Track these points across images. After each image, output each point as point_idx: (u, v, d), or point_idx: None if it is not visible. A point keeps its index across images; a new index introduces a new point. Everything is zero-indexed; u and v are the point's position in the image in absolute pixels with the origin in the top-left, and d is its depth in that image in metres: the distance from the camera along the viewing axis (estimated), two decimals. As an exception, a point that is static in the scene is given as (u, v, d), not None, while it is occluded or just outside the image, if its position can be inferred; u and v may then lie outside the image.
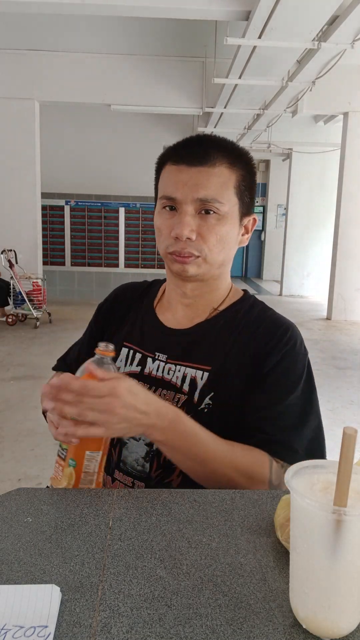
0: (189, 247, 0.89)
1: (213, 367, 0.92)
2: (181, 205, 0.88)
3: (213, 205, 0.87)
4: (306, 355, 0.96)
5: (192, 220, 0.88)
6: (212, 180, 0.88)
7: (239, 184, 0.91)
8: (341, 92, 6.96)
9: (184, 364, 0.94)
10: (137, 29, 6.15)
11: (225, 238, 0.90)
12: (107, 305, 1.12)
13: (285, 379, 0.91)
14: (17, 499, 0.77)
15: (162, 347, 0.98)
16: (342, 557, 0.49)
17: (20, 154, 7.31)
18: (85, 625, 0.53)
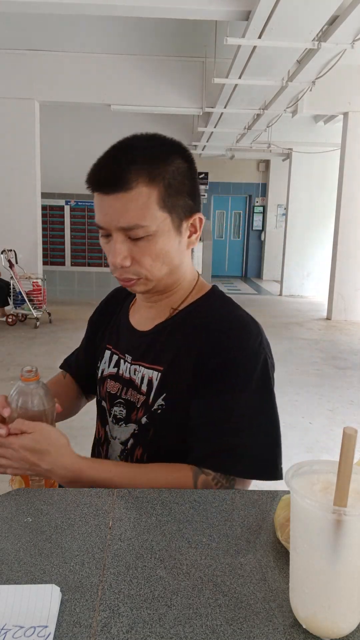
0: (126, 273, 0.89)
1: (164, 368, 0.92)
2: (111, 233, 0.87)
3: (136, 231, 0.85)
4: (260, 357, 0.88)
5: (124, 247, 0.86)
6: (130, 205, 0.83)
7: (162, 197, 0.85)
8: (341, 92, 6.96)
9: (143, 365, 0.96)
10: (137, 29, 6.15)
11: (161, 253, 0.88)
12: (101, 307, 1.16)
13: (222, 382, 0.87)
14: (17, 499, 0.77)
15: (129, 348, 1.00)
16: (342, 557, 0.49)
17: (20, 154, 7.30)
18: (85, 625, 0.53)
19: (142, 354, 0.97)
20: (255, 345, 0.89)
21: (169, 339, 0.94)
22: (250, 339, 0.89)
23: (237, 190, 13.39)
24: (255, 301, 9.62)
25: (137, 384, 0.96)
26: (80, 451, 0.90)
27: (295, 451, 3.15)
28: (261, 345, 0.89)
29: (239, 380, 0.87)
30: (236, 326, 0.90)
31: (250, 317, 0.94)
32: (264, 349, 0.90)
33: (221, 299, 0.97)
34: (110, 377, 1.02)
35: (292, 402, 4.06)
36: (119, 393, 0.99)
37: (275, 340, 6.21)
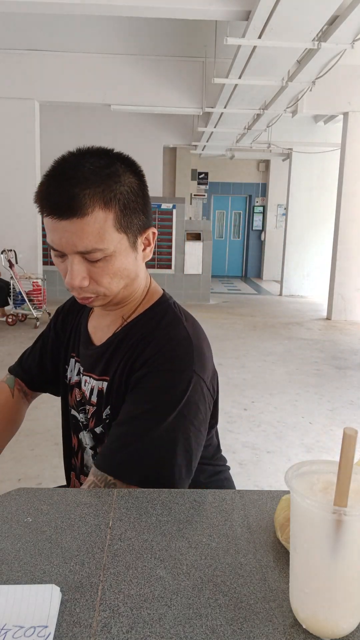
0: (84, 292, 0.88)
1: (110, 378, 0.95)
2: (67, 255, 0.86)
3: (94, 254, 0.84)
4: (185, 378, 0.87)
5: (81, 268, 0.85)
6: (87, 230, 0.82)
7: (118, 219, 0.85)
8: (341, 92, 6.96)
9: (92, 376, 0.98)
10: (137, 29, 6.16)
11: (119, 271, 0.88)
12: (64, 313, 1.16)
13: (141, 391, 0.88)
14: (17, 499, 0.77)
15: (84, 359, 1.02)
16: (342, 557, 0.49)
17: (20, 154, 7.31)
18: (85, 625, 0.53)
19: (92, 365, 0.99)
20: (181, 365, 0.88)
21: (115, 351, 0.95)
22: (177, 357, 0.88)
23: (237, 190, 13.39)
24: (255, 301, 9.62)
25: (86, 394, 0.99)
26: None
27: (295, 451, 3.15)
28: (189, 365, 0.88)
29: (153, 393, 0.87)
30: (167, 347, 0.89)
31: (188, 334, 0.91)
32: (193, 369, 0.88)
33: (164, 312, 0.96)
34: (76, 385, 1.04)
35: (292, 402, 4.06)
36: (83, 400, 1.02)
37: (275, 340, 6.21)
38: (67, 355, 1.09)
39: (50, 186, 0.84)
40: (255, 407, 3.91)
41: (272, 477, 2.81)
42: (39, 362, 1.16)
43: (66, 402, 1.09)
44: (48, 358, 1.14)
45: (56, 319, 1.16)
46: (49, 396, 1.23)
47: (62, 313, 1.15)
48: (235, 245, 13.95)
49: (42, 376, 1.16)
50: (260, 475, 2.83)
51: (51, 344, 1.14)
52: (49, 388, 1.18)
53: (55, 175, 0.84)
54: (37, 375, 1.16)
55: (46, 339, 1.16)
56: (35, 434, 3.23)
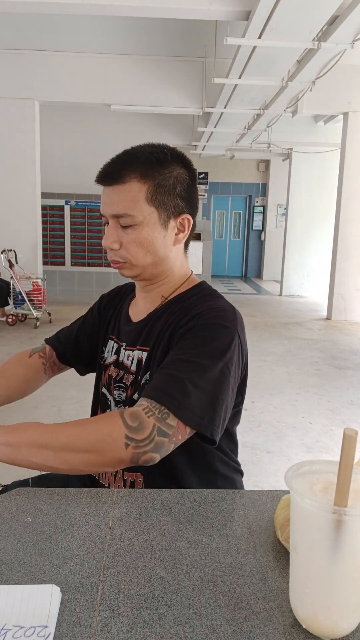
0: (114, 256, 1.01)
1: (150, 348, 1.03)
2: (107, 220, 1.01)
3: (125, 219, 0.97)
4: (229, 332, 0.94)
5: (115, 232, 0.99)
6: (122, 196, 0.97)
7: (151, 193, 0.97)
8: (341, 92, 6.96)
9: (134, 349, 1.06)
10: (137, 29, 6.15)
11: (145, 242, 0.99)
12: (107, 299, 1.26)
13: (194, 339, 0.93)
14: (17, 499, 0.77)
15: (125, 336, 1.11)
16: (342, 557, 0.49)
17: (20, 154, 7.30)
18: (85, 625, 0.53)
19: (134, 339, 1.07)
20: (227, 322, 0.95)
21: (156, 323, 1.04)
22: (224, 316, 0.96)
23: (237, 190, 13.39)
24: (255, 301, 9.62)
25: (128, 366, 1.07)
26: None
27: (295, 451, 3.15)
28: (234, 323, 0.96)
29: (202, 342, 0.92)
30: (213, 306, 0.98)
31: (231, 305, 1.01)
32: (237, 328, 0.96)
33: (206, 290, 1.06)
34: (113, 364, 1.11)
35: (292, 402, 4.06)
36: (118, 378, 1.08)
37: (275, 340, 6.21)
38: (107, 337, 1.17)
39: (107, 163, 1.01)
40: (255, 407, 3.91)
41: (272, 477, 2.81)
42: (76, 337, 1.24)
43: (98, 382, 1.18)
44: (85, 336, 1.23)
45: (100, 303, 1.25)
46: (49, 397, 1.25)
47: (106, 298, 1.25)
48: (235, 245, 13.95)
49: (75, 350, 1.24)
50: (260, 475, 2.83)
51: (91, 325, 1.23)
52: (77, 364, 1.26)
53: (117, 155, 1.01)
54: (71, 349, 1.24)
55: (87, 319, 1.26)
56: (35, 434, 3.23)
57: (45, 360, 1.24)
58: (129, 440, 0.79)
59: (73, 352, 1.25)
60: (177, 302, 1.04)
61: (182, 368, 0.88)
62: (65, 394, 3.76)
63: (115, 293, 1.26)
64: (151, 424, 0.81)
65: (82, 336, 1.24)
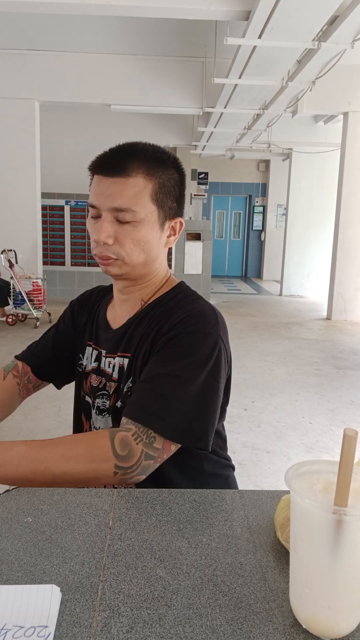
0: (106, 252, 0.96)
1: (131, 354, 1.00)
2: (101, 213, 0.95)
3: (127, 214, 0.94)
4: (212, 338, 0.93)
5: (110, 227, 0.94)
6: (126, 190, 0.93)
7: (156, 191, 0.96)
8: (341, 92, 6.96)
9: (115, 356, 1.03)
10: (137, 29, 6.15)
11: (142, 241, 0.96)
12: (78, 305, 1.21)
13: (174, 350, 0.92)
14: (17, 499, 0.77)
15: (105, 343, 1.08)
16: (342, 557, 0.49)
17: (20, 154, 7.30)
18: (85, 625, 0.53)
19: (114, 346, 1.04)
20: (207, 327, 0.94)
21: (136, 329, 1.02)
22: (205, 322, 0.95)
23: (237, 190, 13.39)
24: (255, 301, 9.62)
25: (110, 373, 1.04)
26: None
27: (295, 451, 3.15)
28: (215, 328, 0.95)
29: (183, 352, 0.91)
30: (192, 311, 0.96)
31: (212, 306, 1.00)
32: (218, 333, 0.95)
33: (185, 292, 1.04)
34: (93, 372, 1.08)
35: (292, 402, 4.06)
36: (100, 385, 1.06)
37: (275, 340, 6.21)
38: (83, 344, 1.13)
39: (106, 153, 0.97)
40: (255, 407, 3.91)
41: (272, 477, 2.81)
42: (52, 347, 1.18)
43: (79, 389, 1.14)
44: (62, 343, 1.18)
45: (71, 309, 1.21)
46: (49, 397, 1.24)
47: (77, 304, 1.21)
48: (235, 245, 13.95)
49: (53, 362, 1.18)
50: (260, 475, 2.83)
51: (65, 332, 1.19)
52: (56, 377, 1.20)
53: (113, 147, 0.98)
54: (48, 360, 1.18)
55: (59, 327, 1.21)
56: (35, 434, 3.24)
57: (20, 380, 1.15)
58: (118, 469, 0.83)
59: (51, 363, 1.18)
60: (156, 305, 1.02)
61: (166, 384, 0.88)
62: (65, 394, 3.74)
63: (87, 297, 1.21)
64: (139, 450, 0.84)
65: (58, 346, 1.18)
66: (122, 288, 1.05)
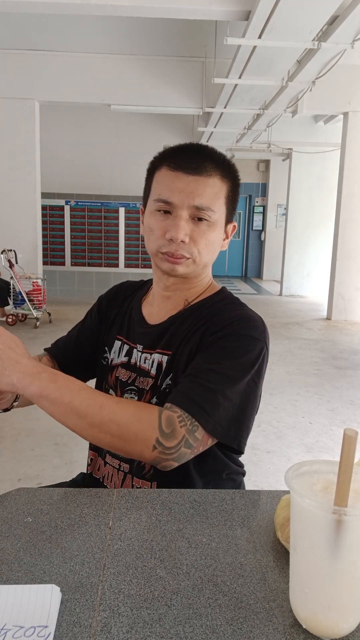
0: (181, 250, 0.96)
1: (173, 352, 1.00)
2: (177, 210, 0.95)
3: (206, 213, 0.95)
4: (259, 344, 0.94)
5: (187, 225, 0.95)
6: (207, 190, 0.94)
7: (228, 194, 0.99)
8: (341, 92, 6.96)
9: (154, 352, 1.03)
10: (137, 28, 6.15)
11: (212, 243, 0.98)
12: (107, 300, 1.21)
13: (224, 349, 0.93)
14: (17, 499, 0.77)
15: (141, 338, 1.06)
16: (342, 557, 0.49)
17: (20, 154, 7.30)
18: (85, 625, 0.53)
19: (153, 342, 1.03)
20: (257, 332, 0.95)
21: (179, 327, 1.01)
22: (255, 327, 0.96)
23: (237, 190, 13.37)
24: (255, 301, 9.62)
25: (147, 369, 1.03)
26: (80, 451, 0.89)
27: (295, 451, 3.15)
28: (263, 335, 0.96)
29: (233, 354, 0.92)
30: (244, 315, 0.98)
31: (257, 314, 1.00)
32: (265, 340, 0.96)
33: (230, 297, 1.05)
34: (122, 366, 1.08)
35: (292, 402, 4.06)
36: (130, 380, 1.05)
37: (275, 340, 6.20)
38: (111, 338, 1.12)
39: (182, 148, 0.98)
40: (255, 407, 3.91)
41: (272, 477, 2.81)
42: (76, 342, 1.19)
43: (101, 383, 1.13)
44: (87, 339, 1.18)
45: (99, 304, 1.20)
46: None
47: (106, 299, 1.20)
48: (235, 245, 13.94)
49: (77, 357, 1.18)
50: (260, 475, 2.83)
51: (91, 328, 1.18)
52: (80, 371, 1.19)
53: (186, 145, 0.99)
54: (73, 355, 1.18)
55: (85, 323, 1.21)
56: (35, 434, 3.23)
57: None
58: (158, 445, 0.83)
59: (75, 359, 1.18)
60: (201, 307, 1.02)
61: (213, 379, 0.89)
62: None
63: (115, 292, 1.20)
64: (181, 434, 0.84)
65: (83, 341, 1.18)
66: (170, 285, 1.04)
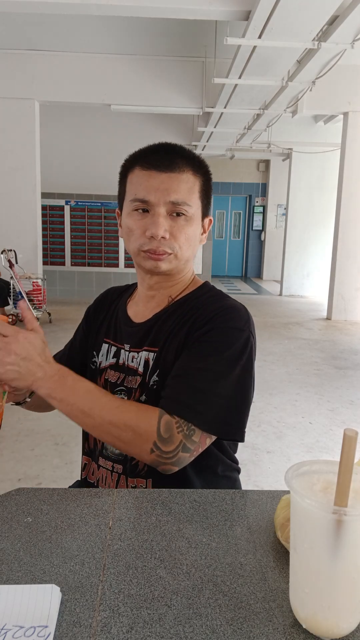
0: (163, 246, 0.98)
1: (159, 348, 1.01)
2: (154, 207, 0.97)
3: (182, 207, 0.97)
4: (244, 334, 0.96)
5: (165, 221, 0.97)
6: (181, 185, 0.97)
7: (201, 189, 1.01)
8: (341, 92, 6.96)
9: (141, 350, 1.04)
10: (137, 29, 6.15)
11: (191, 237, 1.00)
12: (94, 307, 1.23)
13: (210, 344, 0.94)
14: (17, 499, 0.77)
15: (128, 338, 1.08)
16: (342, 557, 0.49)
17: (20, 154, 7.30)
18: (85, 625, 0.53)
19: (139, 340, 1.05)
20: (240, 323, 0.97)
21: (164, 324, 1.03)
22: (238, 318, 0.97)
23: (237, 190, 13.38)
24: (255, 301, 9.62)
25: (134, 368, 1.04)
26: (80, 451, 0.89)
27: (295, 451, 3.15)
28: (247, 324, 0.97)
29: (218, 347, 0.93)
30: (225, 307, 0.99)
31: (241, 304, 1.02)
32: (250, 329, 0.98)
33: (213, 290, 1.07)
34: (111, 367, 1.09)
35: (292, 402, 4.06)
36: (119, 381, 1.06)
37: (275, 340, 6.20)
38: (98, 342, 1.13)
39: (153, 149, 1.00)
40: (255, 407, 3.91)
41: (272, 477, 2.81)
42: (69, 357, 1.20)
43: None
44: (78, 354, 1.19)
45: (87, 314, 1.22)
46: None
47: (93, 308, 1.22)
48: (235, 245, 13.94)
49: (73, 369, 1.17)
50: (260, 475, 2.83)
51: (80, 340, 1.20)
52: None
53: (156, 145, 1.02)
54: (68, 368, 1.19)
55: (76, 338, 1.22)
56: (35, 434, 3.24)
57: None
58: (156, 448, 0.85)
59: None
60: (185, 303, 1.04)
61: (202, 378, 0.90)
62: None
63: (102, 299, 1.22)
64: (178, 440, 0.86)
65: (74, 355, 1.20)
66: (153, 284, 1.06)
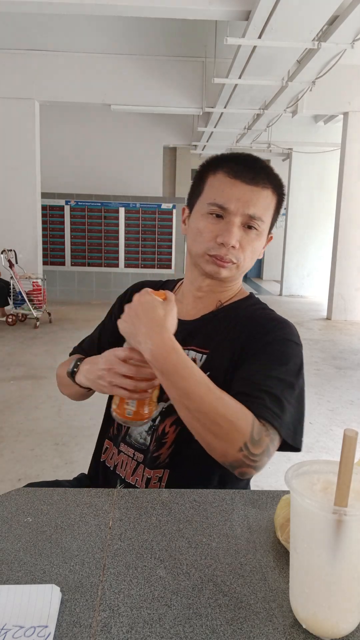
0: (230, 255, 1.00)
1: (210, 351, 1.02)
2: (230, 216, 0.99)
3: (257, 222, 0.99)
4: (301, 349, 0.99)
5: (238, 232, 0.99)
6: (261, 200, 0.99)
7: (275, 207, 1.04)
8: (341, 92, 6.96)
9: (188, 348, 1.03)
10: (137, 29, 6.15)
11: (256, 251, 1.03)
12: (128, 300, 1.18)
13: (274, 355, 0.96)
14: (17, 499, 0.77)
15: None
16: (342, 557, 0.49)
17: (20, 154, 7.30)
18: (85, 625, 0.53)
19: (185, 338, 1.03)
20: (295, 337, 1.00)
21: (215, 327, 1.05)
22: (293, 332, 1.01)
23: (237, 190, 13.37)
24: (255, 301, 9.61)
25: None
26: (80, 451, 0.89)
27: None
28: (299, 339, 1.01)
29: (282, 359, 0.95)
30: (280, 320, 1.03)
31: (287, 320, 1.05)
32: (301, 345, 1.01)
33: (261, 302, 1.11)
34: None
35: (292, 402, 4.06)
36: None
37: (275, 340, 6.20)
38: None
39: (240, 157, 1.02)
40: (255, 407, 3.91)
41: (272, 477, 2.81)
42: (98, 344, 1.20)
43: None
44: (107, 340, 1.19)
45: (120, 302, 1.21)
46: (49, 397, 1.23)
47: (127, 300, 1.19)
48: (235, 245, 13.93)
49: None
50: (260, 475, 2.82)
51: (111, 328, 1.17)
52: None
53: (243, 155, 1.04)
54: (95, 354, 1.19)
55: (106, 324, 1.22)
56: (35, 434, 3.23)
57: None
58: (245, 448, 0.83)
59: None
60: (233, 309, 1.06)
61: (275, 385, 0.91)
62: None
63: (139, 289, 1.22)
64: (265, 444, 0.85)
65: (104, 341, 1.19)
66: (205, 286, 1.07)
